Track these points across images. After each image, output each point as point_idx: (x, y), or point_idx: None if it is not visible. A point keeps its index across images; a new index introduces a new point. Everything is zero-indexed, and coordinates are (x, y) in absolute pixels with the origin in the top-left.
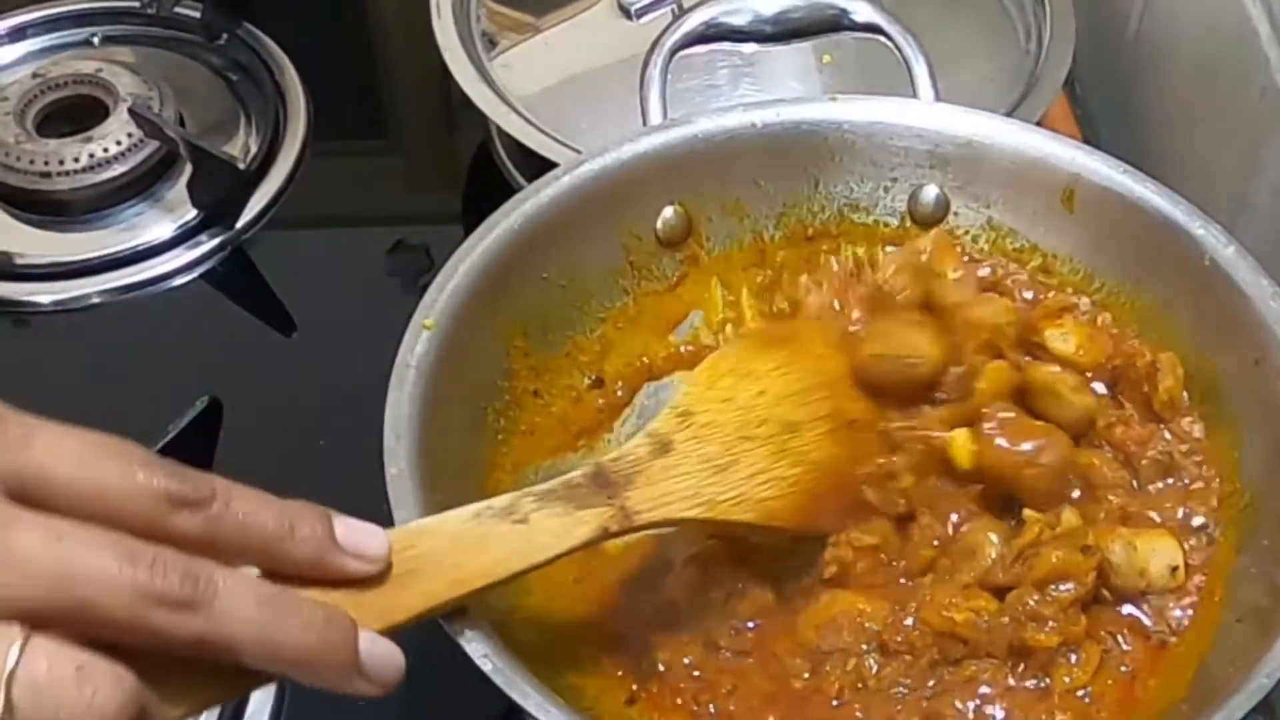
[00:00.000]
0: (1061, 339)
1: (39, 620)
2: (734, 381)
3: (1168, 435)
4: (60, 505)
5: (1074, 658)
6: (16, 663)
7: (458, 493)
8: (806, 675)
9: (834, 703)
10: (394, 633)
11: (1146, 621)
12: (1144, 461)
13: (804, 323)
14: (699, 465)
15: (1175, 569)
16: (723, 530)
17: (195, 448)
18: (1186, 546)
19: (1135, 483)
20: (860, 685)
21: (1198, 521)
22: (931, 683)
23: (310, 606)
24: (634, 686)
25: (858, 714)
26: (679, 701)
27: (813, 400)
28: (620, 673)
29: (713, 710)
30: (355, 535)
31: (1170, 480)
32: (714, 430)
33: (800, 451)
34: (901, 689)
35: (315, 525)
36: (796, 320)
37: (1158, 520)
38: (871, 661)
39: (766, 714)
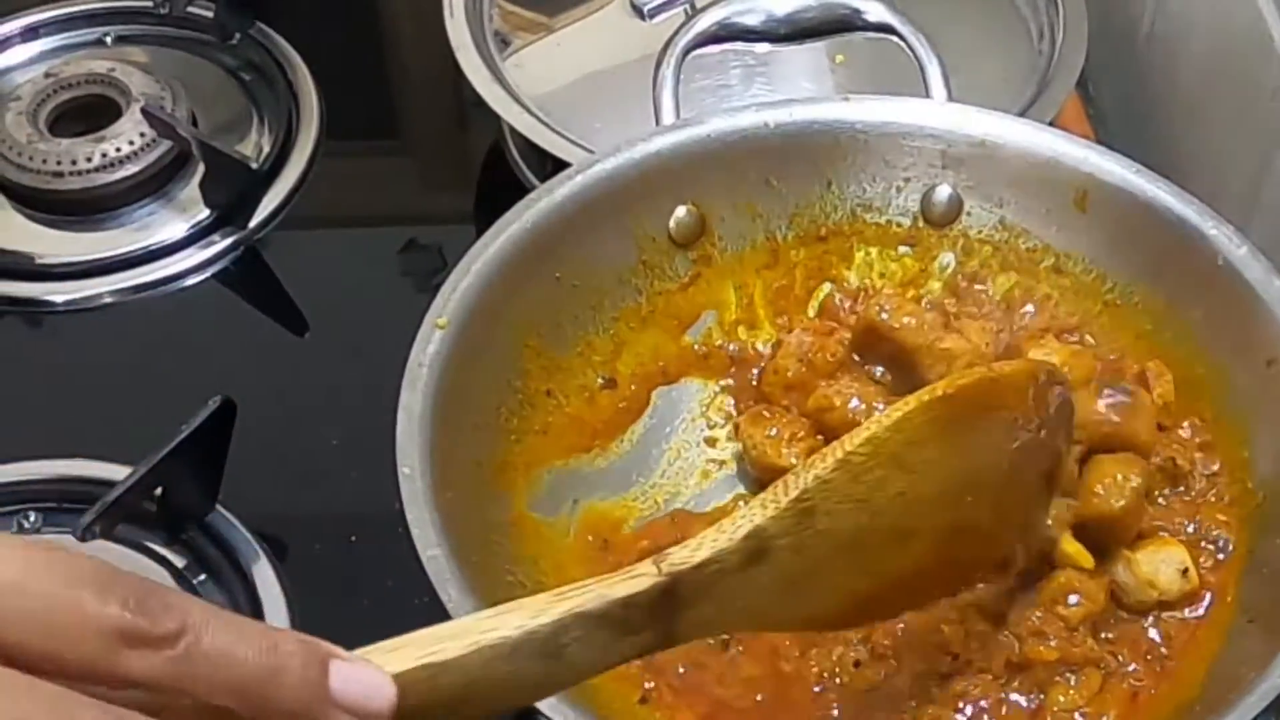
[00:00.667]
0: (1045, 358)
1: None
2: (886, 474)
3: (1172, 445)
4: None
5: (1073, 679)
6: None
7: (470, 492)
8: (796, 654)
9: (815, 688)
10: None
11: (1161, 646)
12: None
13: (1022, 370)
14: (776, 583)
15: (1185, 570)
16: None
17: (207, 448)
18: (1200, 559)
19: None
20: (839, 678)
21: (1212, 532)
22: (913, 702)
23: None
24: (647, 685)
25: (834, 710)
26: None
27: (942, 506)
28: (633, 670)
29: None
30: (355, 685)
31: (1180, 490)
32: (819, 541)
33: (886, 566)
34: (881, 694)
35: (307, 670)
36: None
37: (1165, 535)
38: (853, 655)
39: (753, 695)
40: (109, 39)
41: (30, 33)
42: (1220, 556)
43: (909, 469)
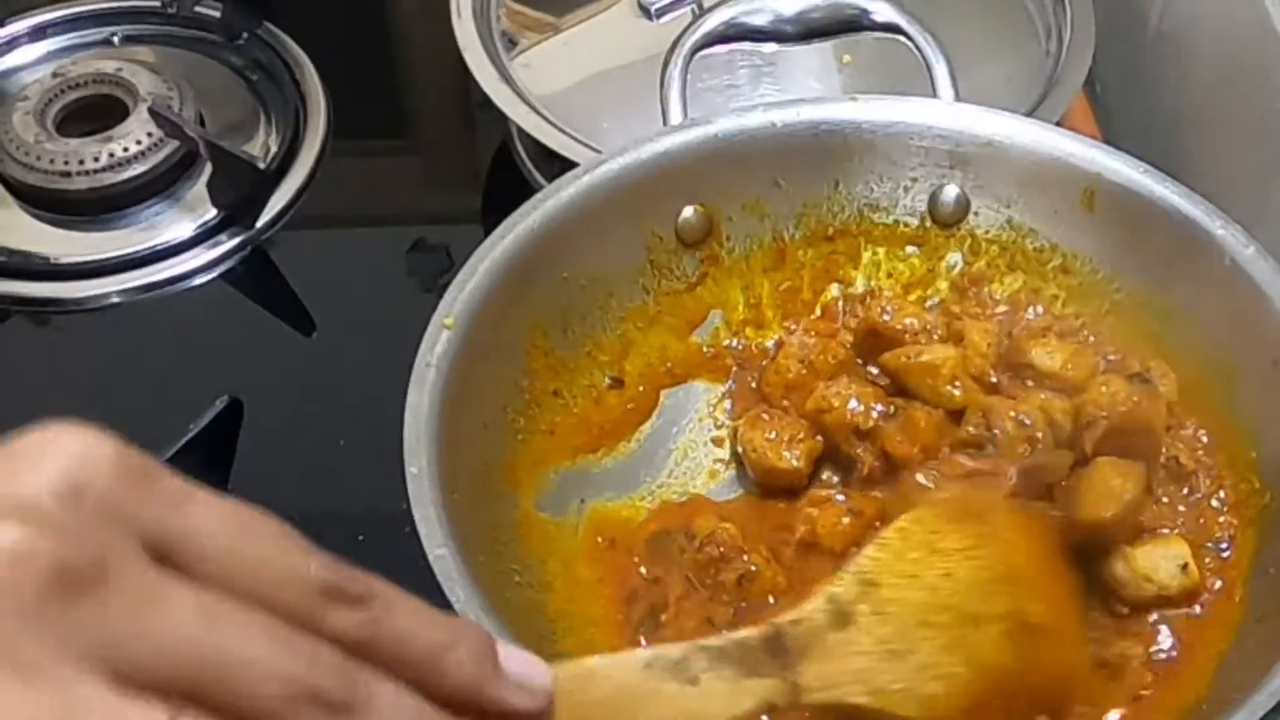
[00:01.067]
0: (1048, 356)
1: (180, 703)
2: (923, 556)
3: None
4: (208, 578)
5: None
6: None
7: (477, 492)
8: None
9: None
10: None
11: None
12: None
13: (998, 498)
14: (874, 646)
15: (1185, 565)
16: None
17: (215, 448)
18: (1204, 559)
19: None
20: None
21: (1215, 532)
22: None
23: None
24: None
25: None
26: None
27: (996, 593)
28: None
29: None
30: (519, 664)
31: (1185, 490)
32: (895, 608)
33: (976, 650)
34: None
35: (477, 647)
36: (991, 494)
37: (1167, 532)
38: None
39: None
40: (116, 39)
41: (38, 32)
42: (1225, 555)
43: (945, 554)
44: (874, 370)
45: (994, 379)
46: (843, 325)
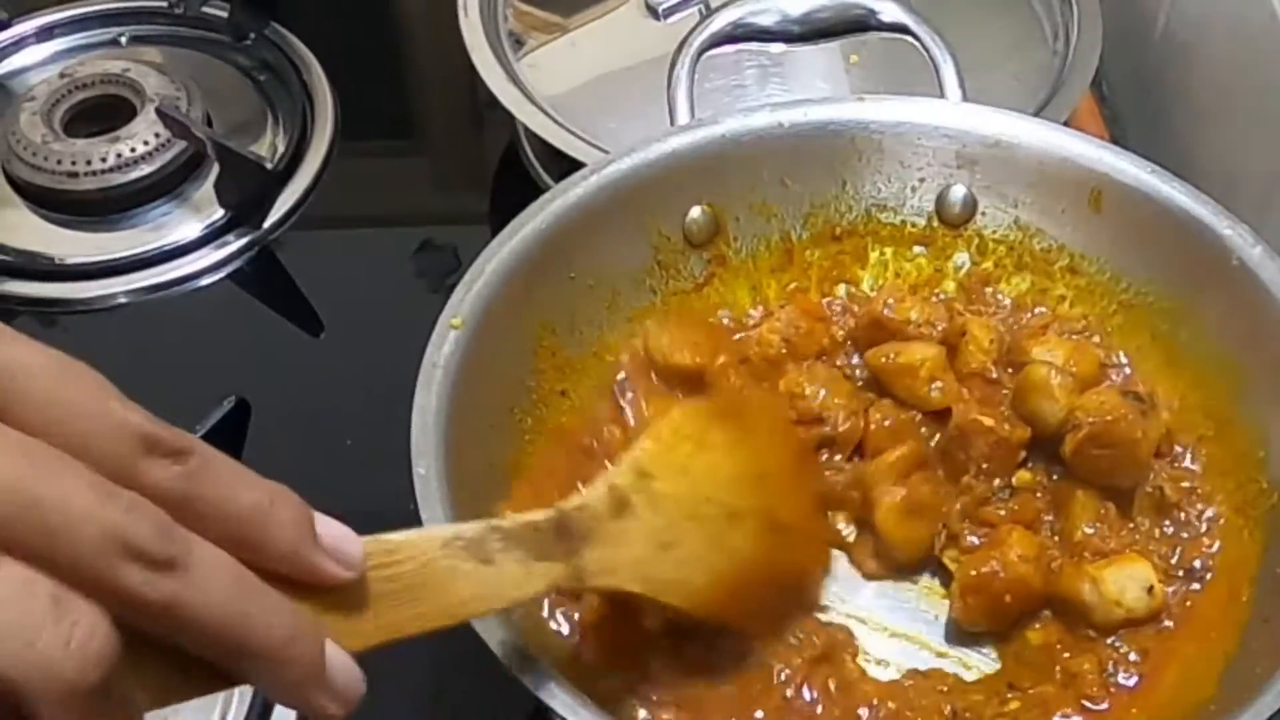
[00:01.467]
0: (1048, 354)
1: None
2: (692, 449)
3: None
4: (26, 422)
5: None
6: None
7: (484, 492)
8: None
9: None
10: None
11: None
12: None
13: (761, 398)
14: (646, 536)
15: (1151, 588)
16: (663, 610)
17: (222, 447)
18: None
19: (1121, 517)
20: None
21: (1192, 561)
22: None
23: (281, 599)
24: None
25: None
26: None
27: (752, 490)
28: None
29: None
30: (335, 536)
31: (1165, 522)
32: (665, 501)
33: (734, 545)
34: None
35: (297, 513)
36: (755, 393)
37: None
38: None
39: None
40: (124, 39)
41: (45, 33)
42: (1195, 587)
43: (708, 447)
44: (853, 362)
45: (994, 375)
46: (842, 322)
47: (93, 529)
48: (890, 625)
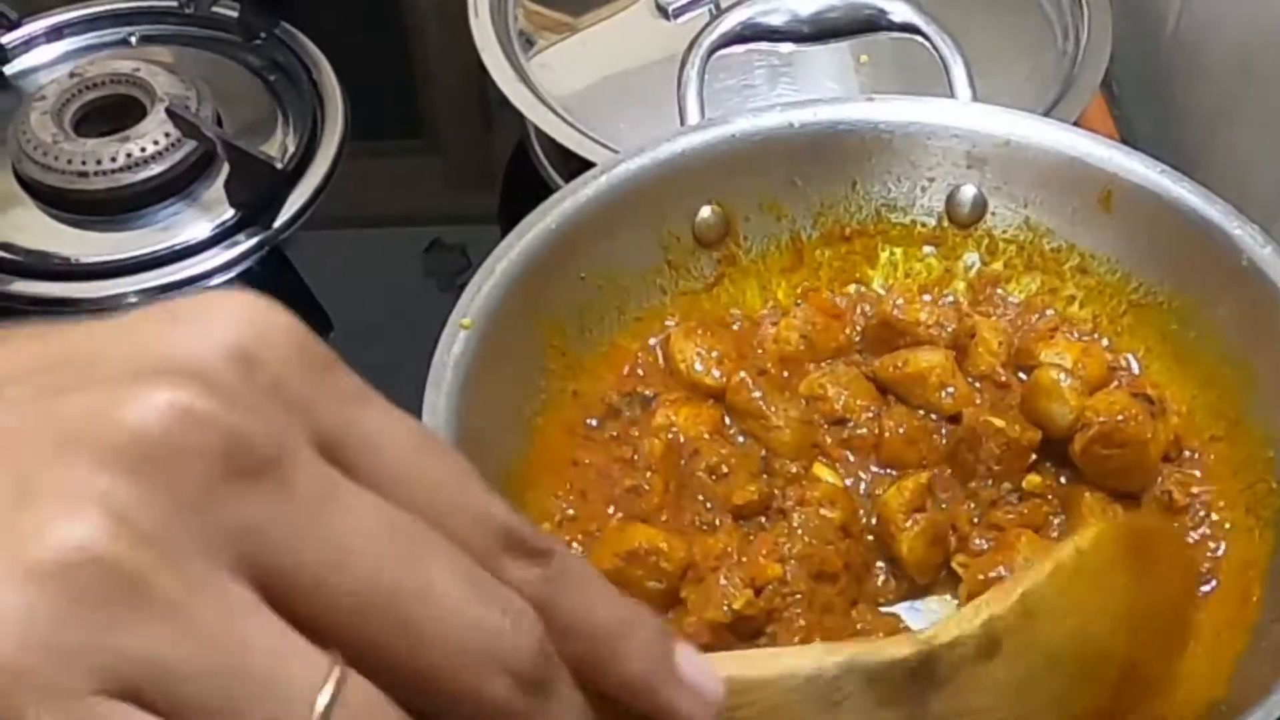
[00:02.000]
0: (1057, 358)
1: (350, 643)
2: (1088, 593)
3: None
4: (383, 492)
5: None
6: (329, 707)
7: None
8: None
9: None
10: None
11: None
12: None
13: (1169, 527)
14: (1007, 682)
15: None
16: None
17: None
18: None
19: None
20: None
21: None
22: None
23: None
24: None
25: None
26: None
27: (1130, 634)
28: None
29: None
30: (694, 664)
31: (1173, 525)
32: (1042, 647)
33: (1088, 695)
34: None
35: (657, 635)
36: (1167, 524)
37: None
38: None
39: None
40: (134, 39)
41: (55, 33)
42: (1204, 589)
43: (1106, 593)
44: (873, 363)
45: (1003, 378)
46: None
47: (465, 632)
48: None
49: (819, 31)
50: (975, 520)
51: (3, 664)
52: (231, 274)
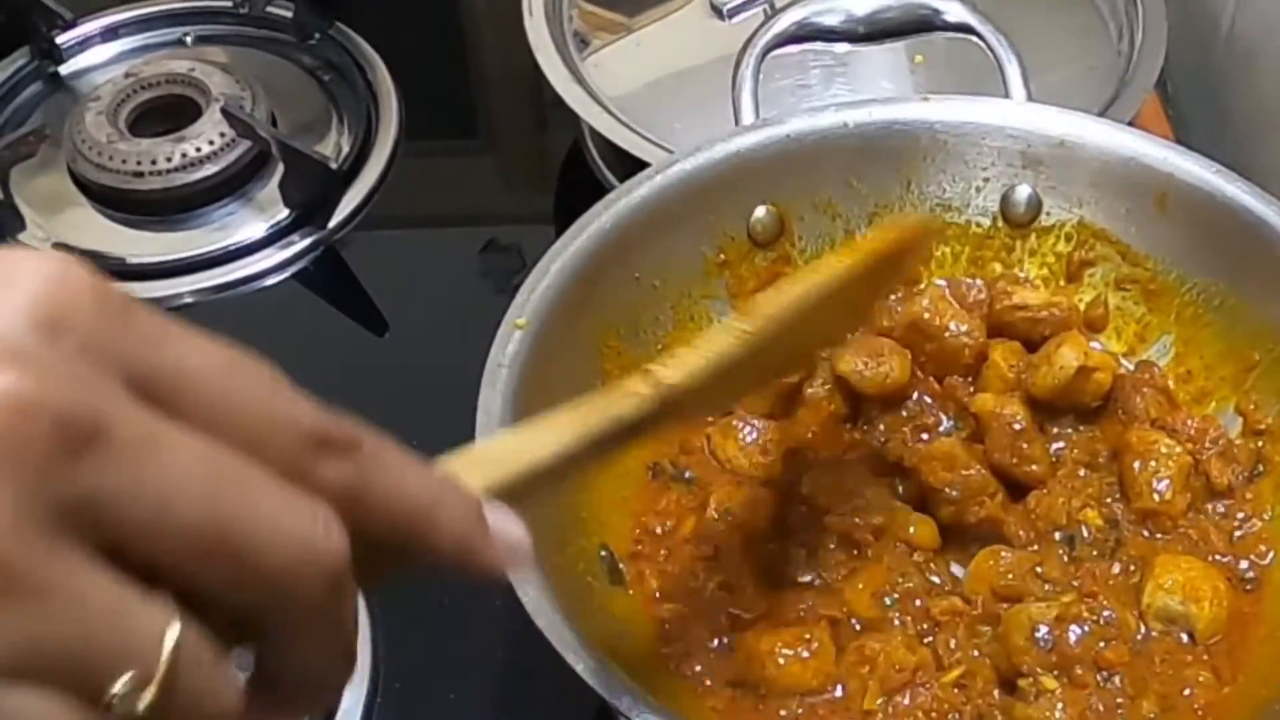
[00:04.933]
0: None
1: (187, 583)
2: (822, 308)
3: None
4: (190, 421)
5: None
6: (171, 657)
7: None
8: None
9: None
10: None
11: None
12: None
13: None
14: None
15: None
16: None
17: None
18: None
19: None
20: None
21: (1250, 553)
22: None
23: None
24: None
25: None
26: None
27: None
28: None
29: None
30: (504, 520)
31: (1221, 509)
32: (766, 354)
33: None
34: None
35: (468, 498)
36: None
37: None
38: None
39: None
40: (189, 39)
41: (110, 33)
42: (1248, 587)
43: (829, 307)
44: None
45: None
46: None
47: (283, 551)
48: None
49: (874, 31)
50: None
51: None
52: (286, 274)
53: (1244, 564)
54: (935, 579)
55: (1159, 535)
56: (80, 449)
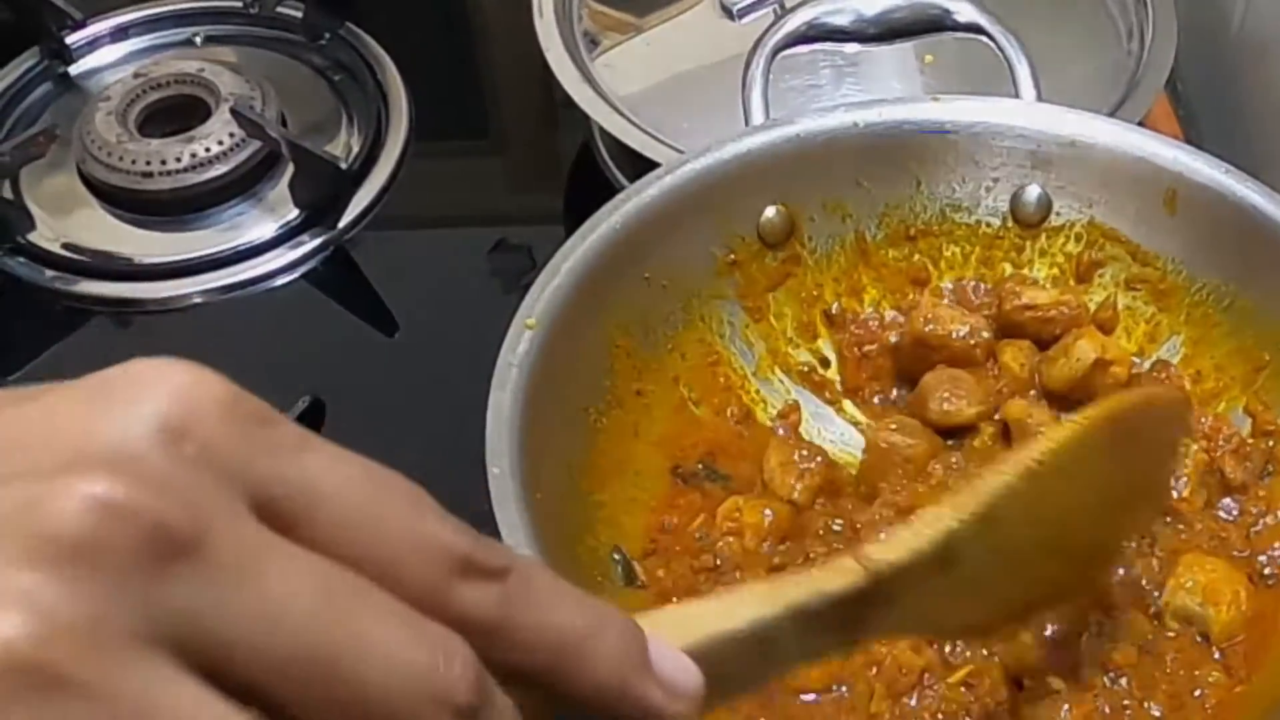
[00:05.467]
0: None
1: (287, 707)
2: (1066, 486)
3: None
4: (320, 540)
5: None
6: None
7: (559, 492)
8: None
9: None
10: None
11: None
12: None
13: (1173, 397)
14: (960, 587)
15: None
16: None
17: None
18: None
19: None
20: None
21: (1272, 551)
22: None
23: None
24: None
25: None
26: None
27: (1095, 520)
28: None
29: None
30: (669, 661)
31: (1237, 508)
32: (1007, 545)
33: (1040, 582)
34: None
35: (626, 633)
36: (1167, 393)
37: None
38: None
39: None
40: (198, 39)
41: (120, 33)
42: (1269, 583)
43: (1083, 484)
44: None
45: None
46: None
47: (399, 681)
48: None
49: (884, 31)
50: None
51: None
52: (296, 274)
53: (1262, 558)
54: None
55: (1181, 529)
56: (172, 559)
